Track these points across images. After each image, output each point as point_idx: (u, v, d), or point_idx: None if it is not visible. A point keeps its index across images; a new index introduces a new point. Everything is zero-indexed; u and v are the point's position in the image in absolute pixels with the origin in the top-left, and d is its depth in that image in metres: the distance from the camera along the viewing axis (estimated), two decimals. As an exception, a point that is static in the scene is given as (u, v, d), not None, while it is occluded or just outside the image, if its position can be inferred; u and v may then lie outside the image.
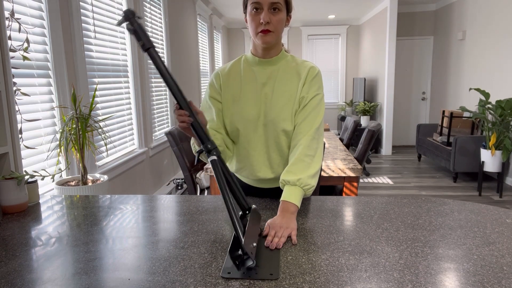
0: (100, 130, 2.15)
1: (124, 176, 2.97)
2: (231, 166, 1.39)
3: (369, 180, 4.73)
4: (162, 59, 3.99)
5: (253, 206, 1.07)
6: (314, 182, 1.16)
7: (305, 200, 1.32)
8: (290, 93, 1.25)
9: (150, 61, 3.63)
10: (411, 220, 1.12)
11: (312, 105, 1.24)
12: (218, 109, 1.30)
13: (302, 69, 1.27)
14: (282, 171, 1.30)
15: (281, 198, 1.12)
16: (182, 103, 1.00)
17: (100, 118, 2.60)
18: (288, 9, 1.22)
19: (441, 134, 5.13)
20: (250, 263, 0.83)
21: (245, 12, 1.23)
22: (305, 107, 1.24)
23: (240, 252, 0.83)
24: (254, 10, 1.16)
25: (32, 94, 1.95)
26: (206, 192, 2.77)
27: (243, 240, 0.84)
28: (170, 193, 4.06)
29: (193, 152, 1.26)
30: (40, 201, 1.40)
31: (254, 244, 0.88)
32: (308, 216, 1.17)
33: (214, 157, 0.97)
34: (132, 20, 0.94)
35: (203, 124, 1.05)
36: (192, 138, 1.19)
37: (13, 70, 1.77)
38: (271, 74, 1.27)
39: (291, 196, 1.11)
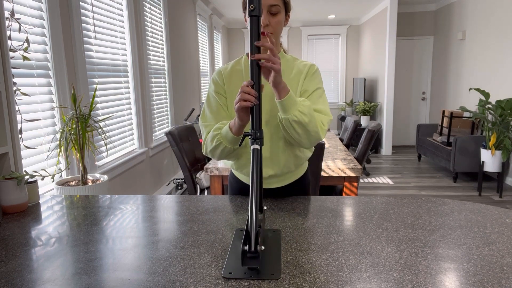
0: (100, 130, 2.15)
1: (124, 176, 2.97)
2: (232, 163, 1.39)
3: (369, 180, 4.73)
4: (164, 59, 3.99)
5: (265, 207, 1.08)
6: (305, 118, 1.14)
7: (305, 200, 1.32)
8: (292, 91, 1.27)
9: (150, 61, 3.62)
10: (411, 220, 1.12)
11: (315, 96, 1.26)
12: (224, 104, 1.30)
13: (302, 67, 1.30)
14: (284, 168, 1.31)
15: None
16: (256, 84, 1.00)
17: (100, 118, 2.60)
18: (287, 9, 1.24)
19: (441, 134, 5.13)
20: (255, 264, 0.83)
21: (244, 13, 1.24)
22: (309, 97, 1.25)
23: (246, 248, 0.83)
24: None
25: (32, 94, 1.95)
26: (206, 192, 2.77)
27: (254, 240, 0.83)
28: (170, 193, 4.06)
29: (222, 136, 1.21)
30: (40, 201, 1.40)
31: (263, 248, 0.87)
32: (308, 216, 1.17)
33: (257, 147, 0.96)
34: None
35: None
36: (230, 123, 1.16)
37: (13, 70, 1.78)
38: None
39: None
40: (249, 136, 0.99)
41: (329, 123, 1.25)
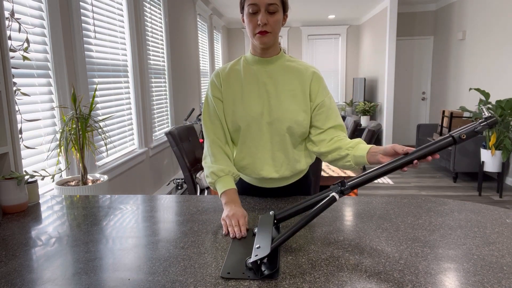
0: (100, 130, 2.15)
1: (124, 176, 2.97)
2: (235, 164, 1.39)
3: (369, 180, 4.72)
4: (164, 59, 3.99)
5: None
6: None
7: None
8: (294, 93, 1.27)
9: (150, 61, 3.62)
10: (411, 220, 1.12)
11: (335, 110, 1.30)
12: (220, 109, 1.30)
13: (304, 72, 1.29)
14: (285, 171, 1.31)
15: (369, 149, 1.14)
16: (400, 166, 0.97)
17: (100, 118, 2.60)
18: (285, 8, 1.24)
19: (441, 134, 5.12)
20: (256, 270, 0.83)
21: (242, 13, 1.24)
22: (329, 110, 1.28)
23: (260, 255, 0.83)
24: (251, 11, 1.18)
25: (32, 94, 1.95)
26: (206, 192, 2.77)
27: (269, 254, 0.84)
28: (170, 193, 4.06)
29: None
30: (40, 201, 1.40)
31: (264, 261, 0.88)
32: (308, 216, 1.17)
33: (336, 196, 0.93)
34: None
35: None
36: (222, 194, 1.20)
37: (13, 70, 1.77)
38: (271, 73, 1.28)
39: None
40: (338, 185, 0.94)
41: None
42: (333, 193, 0.92)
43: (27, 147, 1.88)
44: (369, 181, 0.96)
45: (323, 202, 0.91)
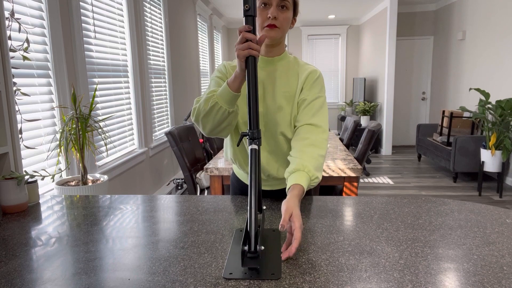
0: (100, 130, 2.15)
1: (124, 176, 2.97)
2: (234, 161, 1.39)
3: (369, 180, 4.73)
4: (164, 59, 3.99)
5: (264, 207, 1.08)
6: (320, 174, 1.14)
7: (305, 200, 1.32)
8: (289, 94, 1.26)
9: (150, 61, 3.62)
10: (411, 220, 1.12)
11: (315, 106, 1.23)
12: None
13: (302, 72, 1.28)
14: (280, 168, 1.32)
15: (289, 184, 1.09)
16: (252, 98, 0.98)
17: (100, 118, 2.60)
18: (295, 11, 1.24)
19: (441, 134, 5.13)
20: (255, 264, 0.83)
21: None
22: (308, 107, 1.23)
23: (246, 248, 0.83)
24: (263, 5, 1.18)
25: (32, 94, 1.95)
26: (206, 192, 2.77)
27: (254, 240, 0.84)
28: (170, 193, 4.06)
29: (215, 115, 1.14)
30: (40, 201, 1.40)
31: (263, 248, 0.87)
32: (308, 216, 1.17)
33: (255, 147, 0.95)
34: None
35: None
36: (228, 80, 1.10)
37: (13, 70, 1.77)
38: (270, 73, 1.28)
39: (298, 179, 1.08)
40: (247, 136, 0.98)
41: (327, 139, 1.24)
42: (251, 147, 0.95)
43: (27, 147, 1.88)
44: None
45: (251, 160, 0.93)
